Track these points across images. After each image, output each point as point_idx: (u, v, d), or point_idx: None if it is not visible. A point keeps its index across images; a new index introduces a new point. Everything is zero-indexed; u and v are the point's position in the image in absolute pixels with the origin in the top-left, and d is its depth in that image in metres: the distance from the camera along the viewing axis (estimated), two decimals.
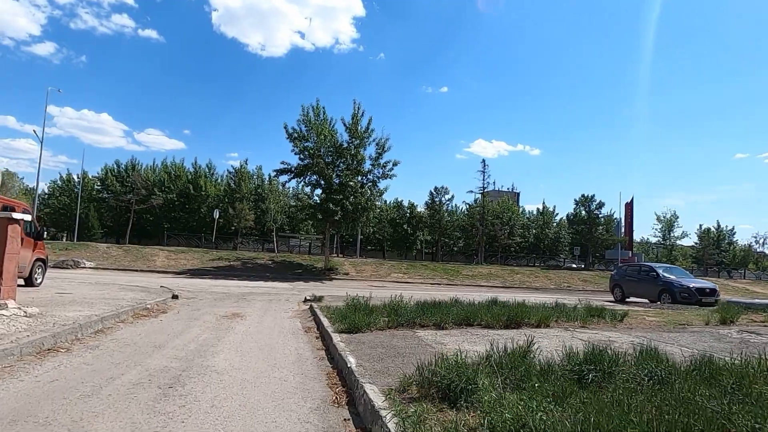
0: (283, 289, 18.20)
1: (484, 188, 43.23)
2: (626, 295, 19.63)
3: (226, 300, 13.15)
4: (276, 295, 15.46)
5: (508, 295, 21.16)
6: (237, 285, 18.70)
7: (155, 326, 7.85)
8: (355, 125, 26.29)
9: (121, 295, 11.42)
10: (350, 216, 26.17)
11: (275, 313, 10.63)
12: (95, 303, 9.13)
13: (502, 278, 28.44)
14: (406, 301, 9.39)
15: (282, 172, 26.57)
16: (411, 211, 61.46)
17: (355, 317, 7.73)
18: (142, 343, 6.42)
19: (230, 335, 7.34)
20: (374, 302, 9.64)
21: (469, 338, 6.46)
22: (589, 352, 4.25)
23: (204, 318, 9.12)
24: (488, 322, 7.34)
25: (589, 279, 30.11)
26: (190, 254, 27.65)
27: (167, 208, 52.79)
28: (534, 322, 7.44)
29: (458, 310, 7.96)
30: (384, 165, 26.93)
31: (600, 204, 42.48)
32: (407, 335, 6.59)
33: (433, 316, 7.42)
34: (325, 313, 9.56)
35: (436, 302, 9.14)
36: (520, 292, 23.74)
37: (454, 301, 9.33)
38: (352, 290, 19.23)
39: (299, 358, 5.86)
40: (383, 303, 9.78)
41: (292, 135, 25.91)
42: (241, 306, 11.84)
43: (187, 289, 15.57)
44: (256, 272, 25.39)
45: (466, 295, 18.88)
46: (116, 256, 25.50)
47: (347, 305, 8.97)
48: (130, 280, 18.04)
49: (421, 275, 27.68)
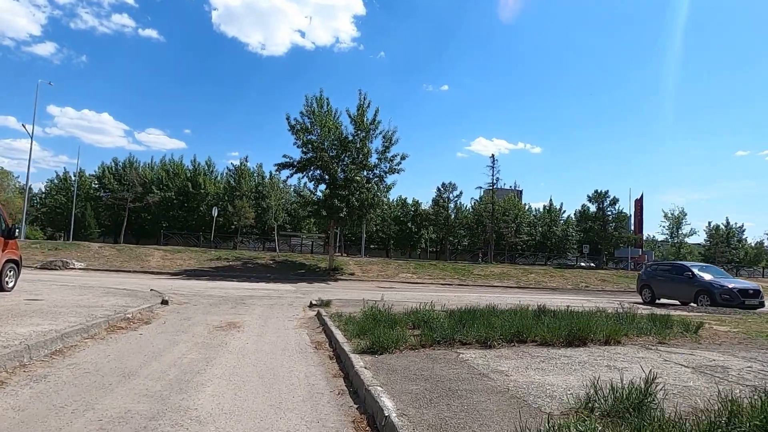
0: (285, 291, 16.75)
1: (493, 184, 41.70)
2: (656, 297, 18.17)
3: (222, 305, 11.70)
4: (278, 299, 14.02)
5: (527, 296, 19.69)
6: (236, 287, 17.26)
7: (132, 343, 6.40)
8: (361, 117, 24.81)
9: (102, 301, 9.97)
10: (356, 213, 24.70)
11: (278, 322, 9.18)
12: (63, 313, 7.68)
13: (515, 278, 26.96)
14: (428, 307, 7.94)
15: (284, 166, 25.09)
16: (415, 209, 60.02)
17: (376, 330, 6.28)
18: (108, 369, 4.97)
19: (223, 355, 5.89)
20: (384, 307, 8.21)
21: (531, 362, 4.99)
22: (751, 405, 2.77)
23: (194, 330, 7.67)
24: (545, 338, 5.87)
25: (607, 278, 28.62)
26: (187, 254, 26.21)
27: (165, 206, 51.40)
28: (601, 338, 5.97)
29: (502, 321, 6.50)
30: (391, 159, 25.46)
31: (614, 200, 40.93)
32: (449, 358, 5.13)
33: (475, 330, 5.96)
34: (337, 322, 8.11)
35: (469, 310, 7.68)
36: (538, 293, 22.27)
37: (491, 308, 7.85)
38: (359, 292, 17.78)
39: (312, 393, 4.40)
40: (405, 310, 8.33)
41: (294, 127, 24.42)
42: (239, 313, 10.39)
43: (181, 293, 14.13)
44: (256, 273, 23.95)
45: (484, 297, 17.39)
46: (108, 256, 24.06)
47: (365, 314, 7.51)
48: (120, 282, 16.60)
49: (430, 275, 26.21)
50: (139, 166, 55.05)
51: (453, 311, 7.51)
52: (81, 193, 53.56)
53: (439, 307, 9.59)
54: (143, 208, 49.32)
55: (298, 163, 24.89)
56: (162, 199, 50.44)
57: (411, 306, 12.24)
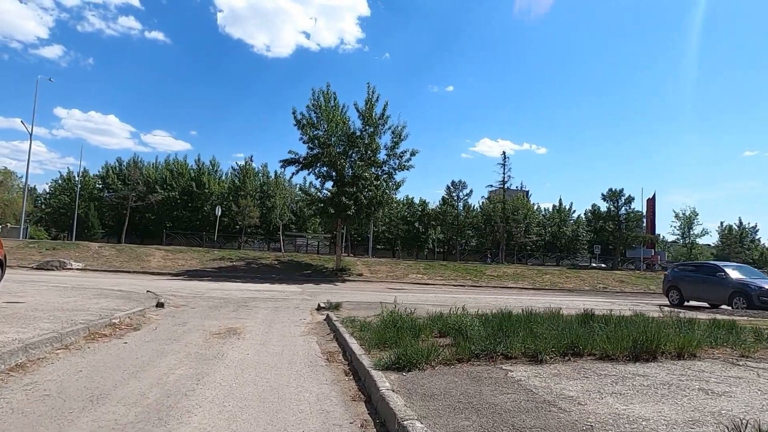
0: (291, 293, 15.80)
1: (504, 182, 40.54)
2: (685, 299, 17.08)
3: (223, 308, 10.76)
4: (283, 301, 13.07)
5: (545, 298, 18.63)
6: (239, 288, 16.33)
7: (112, 355, 5.45)
8: (369, 111, 23.84)
9: (90, 303, 9.06)
10: (364, 211, 23.72)
11: (283, 328, 8.22)
12: (39, 318, 6.75)
13: (530, 279, 25.88)
14: (459, 311, 6.95)
15: (289, 162, 24.14)
16: (423, 209, 58.98)
17: (400, 340, 5.31)
18: (74, 390, 4.02)
19: (218, 370, 4.93)
20: (405, 311, 7.24)
21: (602, 384, 3.98)
22: None
23: (188, 337, 6.72)
24: (605, 351, 4.86)
25: (624, 279, 27.46)
26: (189, 254, 25.32)
27: (169, 206, 50.68)
28: (672, 350, 4.95)
29: (545, 329, 5.50)
30: (400, 155, 24.46)
31: (629, 199, 39.64)
32: (496, 377, 4.13)
33: (519, 340, 4.96)
34: (350, 329, 7.14)
35: (502, 315, 6.68)
36: (555, 295, 21.20)
37: (528, 313, 6.84)
38: (370, 294, 16.79)
39: (327, 425, 3.42)
40: (428, 315, 7.34)
41: (300, 121, 23.48)
42: (241, 316, 9.44)
43: (180, 294, 13.21)
44: (260, 273, 23.03)
45: (501, 299, 16.21)
46: (108, 256, 23.22)
47: (383, 320, 6.53)
48: (117, 283, 15.71)
49: (441, 276, 25.19)
50: (142, 165, 54.39)
51: (484, 316, 6.51)
52: (85, 193, 52.95)
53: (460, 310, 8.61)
54: (147, 208, 48.61)
55: (304, 159, 23.94)
56: (166, 199, 49.71)
57: (428, 309, 11.24)
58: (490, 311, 8.01)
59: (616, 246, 41.18)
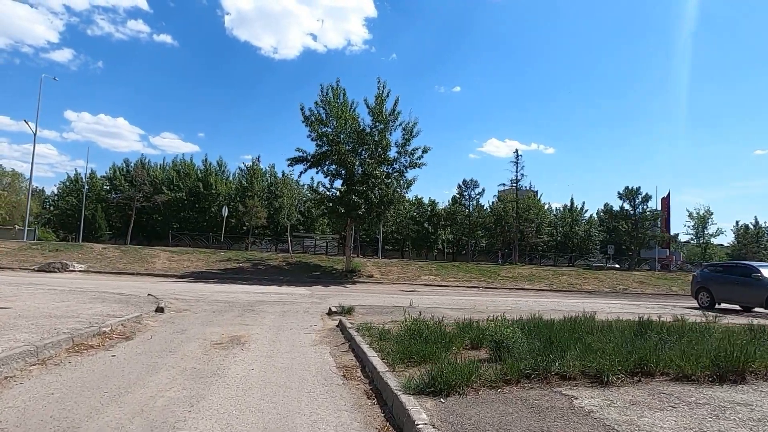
0: (299, 296, 15.05)
1: (517, 180, 39.49)
2: (716, 301, 16.08)
3: (227, 313, 10.02)
4: (292, 305, 12.30)
5: (567, 300, 17.67)
6: (245, 291, 15.60)
7: (95, 371, 4.69)
8: (380, 107, 23.02)
9: (83, 309, 8.35)
10: (375, 210, 22.90)
11: (292, 335, 7.44)
12: (19, 327, 6.02)
13: (547, 280, 24.91)
14: (498, 317, 6.13)
15: (297, 160, 23.38)
16: (432, 209, 58.08)
17: (428, 353, 4.52)
18: (37, 420, 3.26)
19: (216, 391, 4.15)
20: (427, 316, 6.44)
21: (697, 417, 3.14)
22: None
23: (186, 348, 5.96)
24: (681, 369, 4.02)
25: (644, 280, 26.38)
26: (195, 255, 24.66)
27: (176, 207, 50.22)
28: (764, 369, 4.11)
29: (605, 343, 4.66)
30: (412, 152, 23.60)
31: (646, 197, 38.43)
32: (559, 407, 3.31)
33: (577, 356, 4.13)
34: (367, 337, 6.35)
35: (544, 323, 5.85)
36: (575, 297, 20.27)
37: (571, 320, 6.00)
38: (382, 297, 15.98)
39: None
40: (456, 322, 6.53)
41: (308, 118, 22.71)
42: (246, 323, 8.68)
43: (183, 297, 12.50)
44: (268, 275, 22.31)
45: (521, 302, 15.03)
46: (112, 257, 22.62)
47: (407, 329, 5.72)
48: (118, 285, 15.05)
49: (455, 277, 24.31)
50: (149, 167, 54.04)
51: (522, 323, 5.68)
52: (92, 194, 52.71)
53: (487, 315, 7.78)
54: (153, 209, 48.20)
55: (312, 157, 23.17)
56: (173, 200, 49.25)
57: (447, 313, 10.41)
58: (520, 316, 7.19)
59: (633, 246, 39.98)
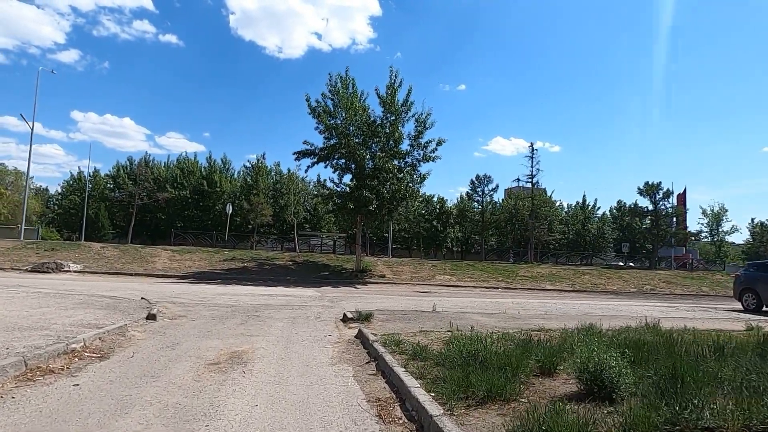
0: (308, 297, 13.82)
1: (533, 176, 37.98)
2: (764, 302, 14.69)
3: (229, 319, 8.80)
4: (301, 309, 11.06)
5: (598, 302, 16.17)
6: (250, 292, 14.40)
7: (43, 412, 3.46)
8: (392, 97, 21.71)
9: (60, 318, 7.15)
10: (386, 206, 21.61)
11: (305, 350, 6.19)
12: None
13: (568, 280, 23.52)
14: (586, 326, 4.85)
15: (304, 154, 22.12)
16: (441, 206, 56.72)
17: (493, 384, 3.26)
18: None
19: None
20: (456, 323, 5.17)
21: None
22: None
23: (172, 372, 4.72)
24: None
25: (671, 280, 24.93)
26: (198, 254, 23.49)
27: (180, 205, 49.22)
28: None
29: (719, 366, 3.37)
30: (425, 145, 22.28)
31: (667, 193, 36.85)
32: None
33: (721, 395, 2.84)
34: (398, 355, 5.11)
35: (637, 342, 4.55)
36: (603, 298, 18.90)
37: (666, 337, 4.70)
38: (398, 299, 14.62)
39: None
40: (503, 333, 5.24)
41: (316, 110, 21.45)
42: (250, 332, 7.45)
43: (181, 301, 11.31)
44: (274, 275, 21.12)
45: (549, 304, 13.37)
46: (110, 257, 21.49)
47: (456, 348, 4.45)
48: (113, 287, 13.90)
49: (471, 277, 23.00)
50: (153, 165, 53.09)
51: (597, 336, 4.37)
52: (96, 193, 51.92)
53: (519, 322, 6.52)
54: (157, 208, 47.26)
55: (320, 150, 21.91)
56: (176, 198, 48.28)
57: (479, 320, 9.09)
58: (564, 324, 5.90)
59: (654, 244, 38.42)
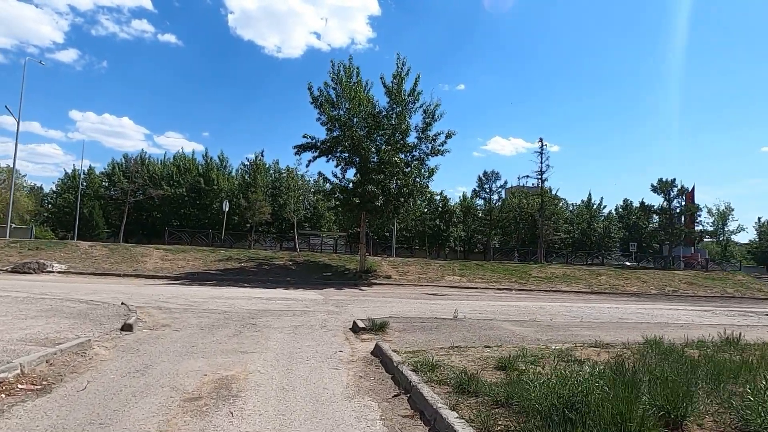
0: (311, 301, 12.49)
1: (542, 171, 36.61)
2: None
3: (220, 329, 7.48)
4: (303, 315, 9.74)
5: (623, 305, 14.69)
6: (246, 295, 13.07)
7: None
8: (398, 87, 20.35)
9: (11, 330, 5.85)
10: (392, 202, 20.28)
11: (312, 375, 4.88)
12: None
13: (584, 281, 22.22)
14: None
15: (305, 147, 20.74)
16: (444, 205, 55.42)
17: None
18: None
19: None
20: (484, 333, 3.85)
21: None
22: None
23: (133, 414, 3.41)
24: None
25: (692, 281, 23.64)
26: (192, 254, 22.13)
27: (176, 203, 47.90)
28: None
29: None
30: (433, 138, 20.95)
31: (681, 190, 35.56)
32: None
33: None
34: (437, 386, 3.83)
35: None
36: (624, 300, 17.61)
37: None
38: (409, 302, 13.08)
39: None
40: (576, 350, 3.94)
41: (318, 99, 20.09)
42: (244, 348, 6.14)
43: (168, 306, 9.99)
44: (272, 276, 19.79)
45: (574, 308, 12.01)
46: (98, 257, 20.14)
47: (527, 386, 3.14)
48: (94, 289, 12.57)
49: (481, 277, 21.68)
50: (148, 162, 51.75)
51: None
52: (91, 191, 50.67)
53: (559, 333, 5.23)
54: (153, 206, 45.98)
55: (322, 143, 20.56)
56: (173, 196, 46.98)
57: (509, 329, 7.75)
58: (613, 338, 4.61)
59: (669, 243, 37.16)
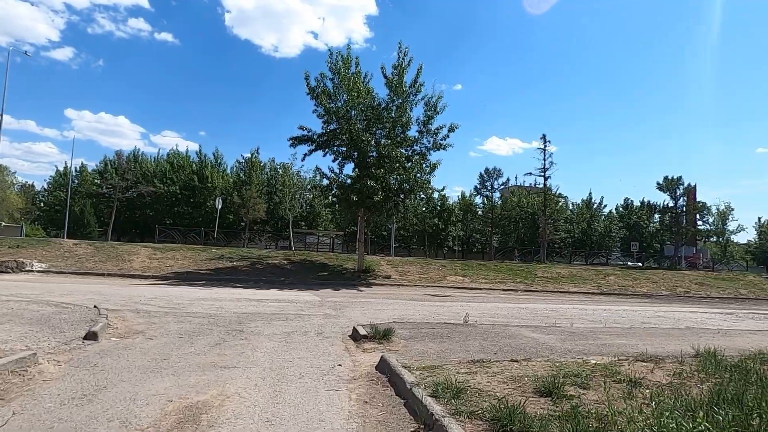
0: (306, 304, 11.52)
1: (545, 168, 35.63)
2: None
3: (201, 337, 6.52)
4: (297, 319, 8.78)
5: (639, 307, 13.61)
6: (236, 297, 12.10)
7: None
8: (399, 78, 19.42)
9: None
10: (392, 198, 19.34)
11: (305, 399, 3.92)
12: None
13: (592, 281, 21.34)
14: None
15: (300, 140, 19.76)
16: (442, 204, 54.54)
17: None
18: None
19: None
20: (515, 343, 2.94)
21: None
22: None
23: None
24: None
25: (703, 282, 22.81)
26: (182, 253, 21.12)
27: (169, 201, 46.86)
28: None
29: None
30: (435, 131, 20.03)
31: (688, 188, 34.78)
32: None
33: None
34: (468, 421, 2.86)
35: None
36: (638, 302, 16.74)
37: None
38: (412, 305, 11.98)
39: None
40: (620, 365, 3.02)
41: (314, 90, 19.11)
42: (225, 361, 5.18)
43: (147, 309, 9.01)
44: (266, 276, 18.82)
45: (589, 310, 11.33)
46: (81, 255, 19.11)
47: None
48: (70, 290, 11.56)
49: (485, 278, 20.77)
50: (141, 159, 50.67)
51: None
52: (83, 189, 49.59)
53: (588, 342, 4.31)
54: (145, 204, 44.96)
55: (318, 136, 19.60)
56: (166, 194, 45.95)
57: (529, 336, 6.85)
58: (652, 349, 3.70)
59: (676, 242, 36.36)
